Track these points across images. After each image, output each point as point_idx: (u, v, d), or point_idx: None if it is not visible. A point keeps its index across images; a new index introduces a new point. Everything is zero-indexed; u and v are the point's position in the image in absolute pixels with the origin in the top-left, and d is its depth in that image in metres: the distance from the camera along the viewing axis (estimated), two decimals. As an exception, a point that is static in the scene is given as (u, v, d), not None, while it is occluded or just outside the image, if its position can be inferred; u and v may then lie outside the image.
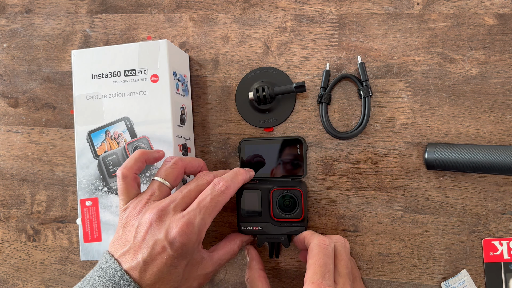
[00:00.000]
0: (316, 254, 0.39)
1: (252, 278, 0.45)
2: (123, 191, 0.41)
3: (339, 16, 0.50)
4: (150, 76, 0.47)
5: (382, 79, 0.49)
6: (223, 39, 0.53)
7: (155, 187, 0.41)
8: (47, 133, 0.57)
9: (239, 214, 0.48)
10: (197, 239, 0.39)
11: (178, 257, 0.38)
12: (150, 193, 0.41)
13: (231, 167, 0.52)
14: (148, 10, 0.54)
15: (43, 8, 0.57)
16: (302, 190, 0.46)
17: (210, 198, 0.40)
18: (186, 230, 0.38)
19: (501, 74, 0.47)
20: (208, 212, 0.40)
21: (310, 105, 0.50)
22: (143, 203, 0.40)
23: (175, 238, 0.37)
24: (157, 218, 0.38)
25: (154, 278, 0.37)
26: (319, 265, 0.38)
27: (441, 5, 0.48)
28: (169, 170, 0.42)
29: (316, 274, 0.38)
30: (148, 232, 0.38)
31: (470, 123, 0.47)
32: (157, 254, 0.37)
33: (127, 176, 0.41)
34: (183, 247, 0.38)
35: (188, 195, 0.41)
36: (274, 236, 0.47)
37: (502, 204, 0.47)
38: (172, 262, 0.38)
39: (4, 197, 0.58)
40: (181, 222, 0.38)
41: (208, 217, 0.40)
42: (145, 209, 0.40)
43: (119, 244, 0.39)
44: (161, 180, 0.42)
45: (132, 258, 0.38)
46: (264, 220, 0.47)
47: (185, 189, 0.41)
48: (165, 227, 0.38)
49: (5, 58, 0.58)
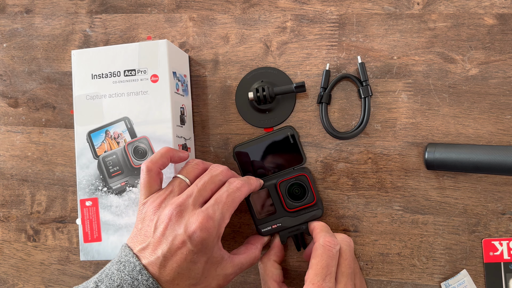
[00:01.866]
0: (319, 255, 0.39)
1: (265, 264, 0.46)
2: (146, 185, 0.42)
3: (339, 16, 0.50)
4: (150, 76, 0.47)
5: (382, 79, 0.49)
6: (223, 39, 0.53)
7: (176, 183, 0.42)
8: (47, 133, 0.57)
9: (254, 217, 0.48)
10: (216, 234, 0.39)
11: (197, 252, 0.38)
12: (170, 189, 0.42)
13: (231, 168, 0.52)
14: (148, 10, 0.54)
15: (43, 8, 0.57)
16: (307, 174, 0.47)
17: (226, 194, 0.41)
18: (206, 224, 0.38)
19: (501, 74, 0.47)
20: (226, 207, 0.40)
21: (310, 105, 0.50)
22: (162, 198, 0.41)
23: (194, 233, 0.37)
24: (177, 213, 0.39)
25: (173, 274, 0.37)
26: (321, 266, 0.39)
27: (441, 5, 0.48)
28: (191, 169, 0.43)
29: (317, 276, 0.38)
30: (167, 227, 0.38)
31: (470, 123, 0.47)
32: (176, 249, 0.37)
33: (151, 170, 0.42)
34: (202, 241, 0.38)
35: (204, 187, 0.41)
36: (295, 228, 0.47)
37: (502, 204, 0.47)
38: (191, 258, 0.38)
39: (4, 197, 0.58)
40: (201, 217, 0.38)
41: (226, 212, 0.40)
42: (164, 204, 0.40)
43: (138, 239, 0.39)
44: (183, 177, 0.42)
45: (152, 253, 0.38)
46: (280, 215, 0.47)
47: (200, 182, 0.42)
48: (184, 222, 0.38)
49: (5, 58, 0.58)
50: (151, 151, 0.46)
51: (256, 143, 0.50)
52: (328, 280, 0.38)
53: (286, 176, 0.47)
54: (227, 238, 0.52)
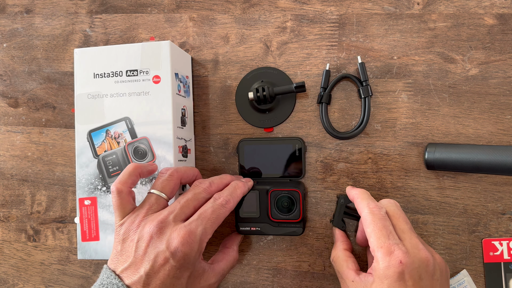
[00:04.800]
0: (372, 221, 0.39)
1: (337, 257, 0.44)
2: (119, 206, 0.41)
3: (339, 16, 0.50)
4: (152, 77, 0.47)
5: (382, 79, 0.49)
6: (223, 39, 0.53)
7: (152, 200, 0.41)
8: (47, 133, 0.57)
9: (237, 214, 0.48)
10: (198, 249, 0.39)
11: (180, 267, 0.38)
12: (147, 206, 0.41)
13: (231, 167, 0.52)
14: (148, 10, 0.54)
15: (43, 8, 0.57)
16: (300, 191, 0.46)
17: (211, 210, 0.40)
18: (188, 239, 0.38)
19: (501, 74, 0.47)
20: (210, 223, 0.40)
21: (310, 105, 0.50)
22: (142, 217, 0.40)
23: (177, 248, 0.37)
24: (158, 230, 0.38)
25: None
26: (379, 229, 0.38)
27: (441, 5, 0.48)
28: (165, 182, 0.42)
29: (380, 238, 0.37)
30: (149, 245, 0.38)
31: (470, 123, 0.47)
32: (159, 266, 0.37)
33: (122, 191, 0.41)
34: (185, 257, 0.38)
35: (186, 204, 0.41)
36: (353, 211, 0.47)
37: (502, 204, 0.47)
38: (175, 274, 0.37)
39: (4, 197, 0.58)
40: (183, 232, 0.38)
41: (209, 228, 0.40)
42: (144, 222, 0.39)
43: (119, 260, 0.39)
44: (158, 193, 0.41)
45: (134, 273, 0.37)
46: (262, 221, 0.47)
47: (183, 199, 0.41)
48: (166, 238, 0.38)
49: (5, 58, 0.58)
50: (151, 152, 0.46)
51: (262, 144, 0.50)
52: (392, 237, 0.38)
53: (280, 186, 0.47)
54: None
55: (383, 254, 0.37)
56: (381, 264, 0.36)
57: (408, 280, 0.36)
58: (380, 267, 0.37)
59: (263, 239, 0.51)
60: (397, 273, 0.36)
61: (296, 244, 0.51)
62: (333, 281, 0.50)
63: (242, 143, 0.50)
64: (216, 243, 0.52)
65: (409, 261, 0.36)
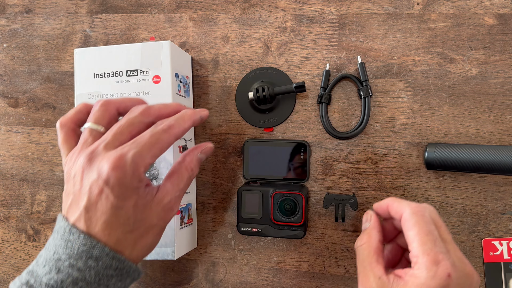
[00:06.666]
0: (416, 223, 0.34)
1: (369, 246, 0.38)
2: (63, 143, 0.39)
3: (339, 16, 0.50)
4: (152, 77, 0.47)
5: (382, 79, 0.49)
6: (223, 39, 0.53)
7: (86, 134, 0.38)
8: (47, 133, 0.57)
9: (239, 214, 0.48)
10: (134, 174, 0.35)
11: (118, 196, 0.35)
12: (82, 141, 0.38)
13: (231, 167, 0.52)
14: (148, 10, 0.54)
15: (43, 8, 0.57)
16: (303, 195, 0.46)
17: (149, 135, 0.36)
18: (118, 163, 0.34)
19: (501, 74, 0.47)
20: (146, 146, 0.36)
21: (310, 105, 0.50)
22: (77, 153, 0.37)
23: (108, 174, 0.34)
24: (88, 160, 0.36)
25: (101, 224, 0.35)
26: (425, 233, 0.34)
27: (441, 5, 0.48)
28: (98, 113, 0.39)
29: (426, 244, 0.33)
30: (83, 178, 0.36)
31: (470, 123, 0.47)
32: (96, 197, 0.35)
33: (65, 125, 0.39)
34: (119, 182, 0.35)
35: (120, 131, 0.37)
36: (342, 196, 0.47)
37: (502, 204, 0.47)
38: (114, 203, 0.35)
39: (4, 197, 0.58)
40: (113, 157, 0.35)
41: (146, 152, 0.35)
42: (78, 157, 0.37)
43: (65, 200, 0.37)
44: (91, 125, 0.38)
45: (76, 209, 0.35)
46: (263, 222, 0.47)
47: (115, 126, 0.38)
48: (96, 167, 0.35)
49: (5, 58, 0.58)
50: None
51: (268, 145, 0.50)
52: (439, 245, 0.34)
53: (284, 189, 0.47)
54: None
55: (429, 262, 0.33)
56: (426, 272, 0.33)
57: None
58: (423, 275, 0.33)
59: (263, 239, 0.52)
60: (441, 287, 0.32)
61: (296, 244, 0.51)
62: (333, 281, 0.50)
63: (247, 143, 0.50)
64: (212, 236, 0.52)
65: (456, 276, 0.33)
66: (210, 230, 0.53)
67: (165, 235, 0.46)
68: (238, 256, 0.52)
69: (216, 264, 0.53)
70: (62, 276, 0.34)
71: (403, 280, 0.34)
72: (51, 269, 0.34)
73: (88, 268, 0.34)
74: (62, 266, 0.34)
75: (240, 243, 0.52)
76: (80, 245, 0.34)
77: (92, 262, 0.34)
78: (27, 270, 0.35)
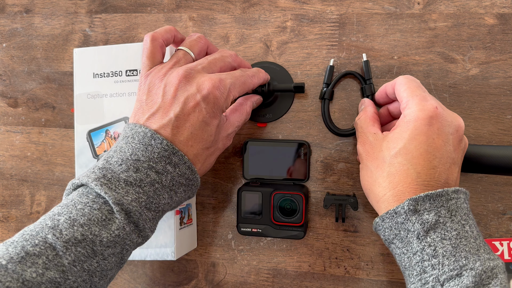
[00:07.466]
0: (407, 82, 0.39)
1: (365, 116, 0.43)
2: (150, 55, 0.40)
3: (339, 15, 0.50)
4: (150, 76, 0.46)
5: (383, 79, 0.49)
6: (223, 39, 0.52)
7: (180, 55, 0.41)
8: (46, 133, 0.57)
9: (238, 214, 0.48)
10: (227, 98, 0.39)
11: (210, 112, 0.38)
12: (175, 59, 0.40)
13: (231, 167, 0.52)
14: (148, 9, 0.54)
15: (43, 8, 0.57)
16: (303, 195, 0.46)
17: (240, 74, 0.41)
18: (219, 85, 0.38)
19: (501, 74, 0.47)
20: (239, 82, 0.40)
21: (310, 105, 0.50)
22: (168, 68, 0.39)
23: (209, 91, 0.37)
24: (187, 75, 0.38)
25: (187, 134, 0.37)
26: (414, 86, 0.39)
27: (442, 5, 0.48)
28: (194, 42, 0.42)
29: (415, 91, 0.38)
30: (178, 89, 0.37)
31: (470, 123, 0.47)
32: (190, 109, 0.37)
33: (156, 39, 0.41)
34: (215, 101, 0.38)
35: (214, 62, 0.41)
36: (343, 197, 0.47)
37: (503, 204, 0.47)
38: (204, 118, 0.37)
39: (4, 197, 0.58)
40: (214, 78, 0.38)
41: (237, 85, 0.40)
42: (171, 71, 0.39)
43: (144, 109, 0.38)
44: (186, 49, 0.41)
45: (163, 117, 0.37)
46: (263, 223, 0.47)
47: (210, 57, 0.41)
48: (196, 82, 0.38)
49: (4, 58, 0.58)
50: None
51: (268, 145, 0.49)
52: (427, 92, 0.38)
53: (284, 189, 0.47)
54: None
55: (418, 99, 0.37)
56: (415, 107, 0.36)
57: (436, 128, 0.36)
58: (412, 110, 0.37)
59: (264, 240, 0.51)
60: (429, 117, 0.36)
61: (296, 245, 0.51)
62: (334, 281, 0.50)
63: (248, 143, 0.50)
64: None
65: (444, 114, 0.36)
66: (210, 230, 0.53)
67: (165, 236, 0.46)
68: (238, 256, 0.52)
69: (216, 265, 0.53)
70: (141, 176, 0.35)
71: (394, 125, 0.38)
72: (129, 168, 0.35)
73: (165, 172, 0.36)
74: (141, 166, 0.35)
75: (240, 243, 0.52)
76: (161, 150, 0.36)
77: (170, 168, 0.36)
78: (96, 167, 0.35)
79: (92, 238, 0.32)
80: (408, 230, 0.34)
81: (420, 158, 0.35)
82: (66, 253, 0.31)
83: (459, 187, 0.35)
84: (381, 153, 0.38)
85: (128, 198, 0.34)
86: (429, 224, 0.33)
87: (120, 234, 0.33)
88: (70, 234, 0.32)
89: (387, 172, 0.37)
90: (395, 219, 0.35)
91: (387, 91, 0.43)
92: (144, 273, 0.54)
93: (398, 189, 0.36)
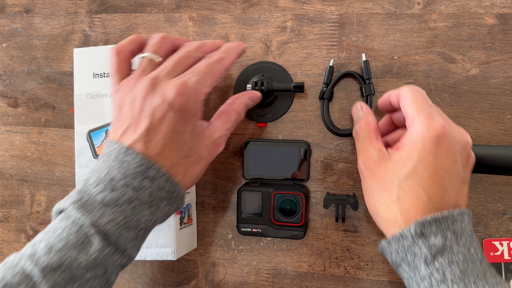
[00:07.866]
0: (412, 95, 0.38)
1: (366, 128, 0.41)
2: (116, 69, 0.40)
3: (339, 15, 0.50)
4: (150, 76, 0.46)
5: (383, 79, 0.49)
6: (223, 39, 0.52)
7: (145, 63, 0.40)
8: (46, 133, 0.57)
9: (238, 215, 0.48)
10: (196, 99, 0.37)
11: (180, 120, 0.37)
12: (141, 69, 0.39)
13: (231, 167, 0.52)
14: (148, 9, 0.54)
15: (43, 8, 0.57)
16: (303, 195, 0.46)
17: (205, 65, 0.39)
18: (183, 89, 0.36)
19: (501, 74, 0.47)
20: (205, 75, 0.38)
21: (310, 105, 0.50)
22: (135, 80, 0.38)
23: (174, 99, 0.36)
24: (151, 85, 0.37)
25: (160, 147, 0.36)
26: (420, 100, 0.37)
27: (442, 5, 0.48)
28: (158, 45, 0.41)
29: (421, 106, 0.36)
30: (145, 102, 0.36)
31: (470, 123, 0.47)
32: (159, 120, 0.36)
33: (120, 52, 0.40)
34: (183, 107, 0.36)
35: (179, 62, 0.39)
36: (343, 197, 0.47)
37: (503, 204, 0.47)
38: (175, 127, 0.36)
39: (4, 197, 0.58)
40: (177, 83, 0.37)
41: (205, 79, 0.38)
42: (137, 83, 0.38)
43: (117, 126, 0.37)
44: (150, 56, 0.40)
45: (134, 131, 0.36)
46: (263, 223, 0.47)
47: (175, 57, 0.40)
48: (161, 92, 0.36)
49: (4, 58, 0.58)
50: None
51: (268, 145, 0.49)
52: (434, 107, 0.36)
53: (284, 189, 0.47)
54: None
55: (425, 117, 0.35)
56: (422, 126, 0.35)
57: (444, 147, 0.34)
58: (419, 129, 0.35)
59: (263, 240, 0.51)
60: (436, 136, 0.34)
61: (296, 245, 0.51)
62: (334, 281, 0.50)
63: (248, 143, 0.50)
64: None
65: (452, 132, 0.35)
66: (210, 230, 0.53)
67: (165, 236, 0.46)
68: (238, 256, 0.52)
69: (216, 265, 0.53)
70: (117, 194, 0.34)
71: (401, 143, 0.37)
72: (105, 188, 0.34)
73: (143, 188, 0.35)
74: (116, 185, 0.34)
75: (240, 243, 0.52)
76: (136, 165, 0.35)
77: (147, 182, 0.35)
78: (75, 190, 0.35)
79: (69, 263, 0.32)
80: (415, 254, 0.33)
81: (430, 180, 0.34)
82: (43, 281, 0.31)
83: (463, 209, 0.35)
84: (388, 174, 0.37)
85: (105, 219, 0.33)
86: (436, 248, 0.33)
87: (98, 257, 0.33)
88: (47, 261, 0.31)
89: (397, 196, 0.36)
90: (402, 242, 0.34)
91: (391, 101, 0.41)
92: (144, 273, 0.54)
93: (410, 213, 0.35)
